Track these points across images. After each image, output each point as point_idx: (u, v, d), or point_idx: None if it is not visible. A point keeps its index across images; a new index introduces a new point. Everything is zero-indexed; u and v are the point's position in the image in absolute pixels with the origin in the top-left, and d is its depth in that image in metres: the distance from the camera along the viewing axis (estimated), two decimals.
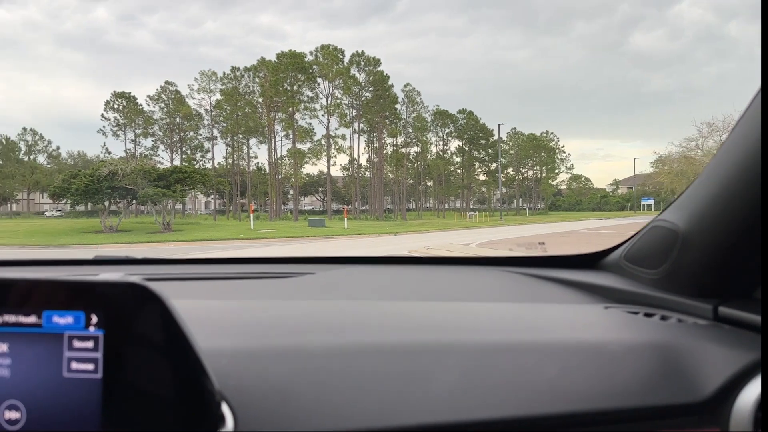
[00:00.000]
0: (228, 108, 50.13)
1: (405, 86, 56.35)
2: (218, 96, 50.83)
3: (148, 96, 52.78)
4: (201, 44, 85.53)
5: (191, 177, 28.94)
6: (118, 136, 53.01)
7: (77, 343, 0.56)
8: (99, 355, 0.56)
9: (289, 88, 47.73)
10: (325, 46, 49.21)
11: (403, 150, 56.64)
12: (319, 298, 1.20)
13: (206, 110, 52.33)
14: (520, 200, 73.00)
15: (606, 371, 0.76)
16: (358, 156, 55.55)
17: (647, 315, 0.97)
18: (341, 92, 50.28)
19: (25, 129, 56.20)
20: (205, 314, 0.89)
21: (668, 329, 0.89)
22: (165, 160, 49.24)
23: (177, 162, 46.18)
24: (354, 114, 51.62)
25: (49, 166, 56.28)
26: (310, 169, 60.75)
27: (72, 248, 19.79)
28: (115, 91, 53.68)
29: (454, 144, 63.71)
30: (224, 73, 50.59)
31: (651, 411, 0.72)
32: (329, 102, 49.79)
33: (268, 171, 52.79)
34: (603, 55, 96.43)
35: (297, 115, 48.72)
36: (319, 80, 49.55)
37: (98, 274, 1.54)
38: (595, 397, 0.71)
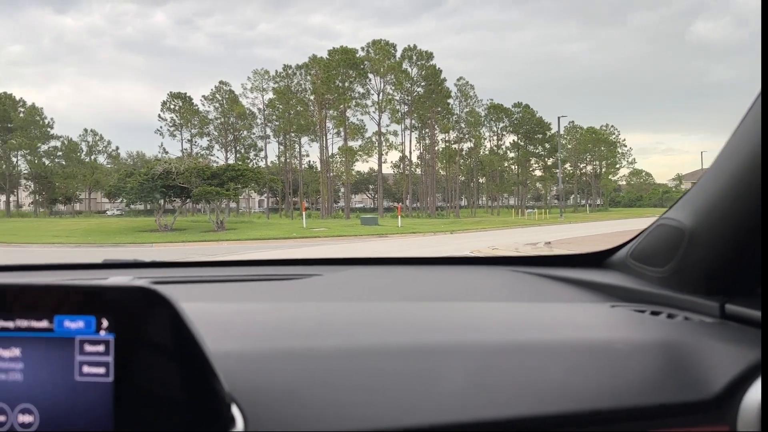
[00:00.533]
0: (280, 106, 50.26)
1: (458, 80, 54.90)
2: (271, 95, 51.08)
3: (203, 96, 53.64)
4: (255, 46, 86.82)
5: (244, 175, 28.74)
6: (174, 136, 54.15)
7: (88, 347, 0.57)
8: (110, 358, 0.57)
9: (340, 84, 47.30)
10: (376, 41, 48.48)
11: (455, 146, 55.33)
12: (326, 299, 1.20)
13: (259, 109, 52.75)
14: (578, 196, 70.31)
15: (613, 370, 0.76)
16: (410, 152, 54.61)
17: (654, 313, 0.97)
18: (392, 88, 49.48)
19: (86, 130, 58.26)
20: (213, 317, 0.90)
21: (675, 327, 0.89)
22: (220, 159, 49.81)
23: (231, 161, 46.48)
24: (405, 110, 50.70)
25: (109, 166, 57.99)
26: (361, 166, 60.42)
27: (126, 247, 19.72)
28: (171, 92, 54.78)
29: (509, 139, 61.90)
30: (276, 71, 50.81)
31: (658, 409, 0.72)
32: (380, 98, 49.09)
33: (319, 169, 52.65)
34: (663, 45, 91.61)
35: (348, 112, 48.28)
36: (371, 76, 48.97)
37: (108, 277, 1.32)
38: (603, 396, 0.71)
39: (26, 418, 0.57)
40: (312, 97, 49.19)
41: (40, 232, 26.33)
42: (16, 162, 54.89)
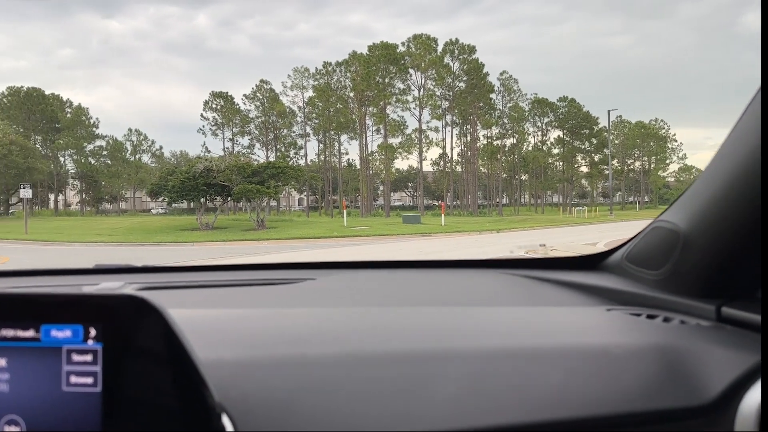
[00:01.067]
0: (320, 104, 49.97)
1: (501, 74, 53.53)
2: (311, 93, 50.84)
3: (244, 95, 53.97)
4: (294, 46, 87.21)
5: (285, 172, 28.33)
6: (216, 135, 54.62)
7: (76, 357, 0.56)
8: (98, 368, 0.56)
9: (380, 80, 46.62)
10: (417, 36, 47.61)
11: (497, 142, 53.93)
12: (319, 305, 1.19)
13: (299, 107, 52.65)
14: (625, 194, 67.76)
15: (609, 375, 0.75)
16: (451, 149, 53.49)
17: (650, 317, 0.97)
18: (434, 83, 48.49)
19: (130, 130, 59.42)
20: (204, 324, 0.89)
21: (671, 331, 0.88)
22: (261, 157, 49.87)
23: (272, 160, 46.40)
24: (446, 106, 49.63)
25: (153, 165, 58.89)
26: (400, 164, 59.58)
27: (166, 246, 19.49)
28: (213, 91, 55.27)
29: (554, 134, 60.03)
30: (316, 69, 50.65)
31: (655, 415, 0.72)
32: (421, 94, 48.15)
33: (358, 167, 52.17)
34: (712, 37, 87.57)
35: (388, 109, 47.57)
36: (411, 71, 48.08)
37: (98, 283, 1.30)
38: (599, 402, 0.71)
39: (12, 429, 0.57)
40: (351, 94, 48.73)
41: (83, 231, 26.56)
42: (64, 161, 56.44)
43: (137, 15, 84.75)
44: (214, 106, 54.37)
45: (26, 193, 26.43)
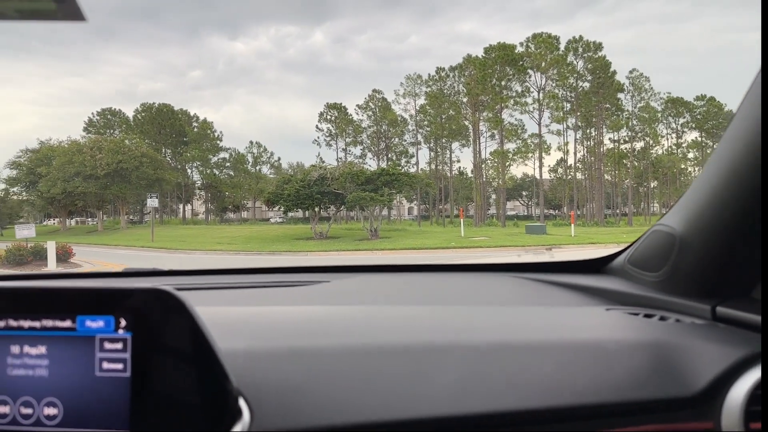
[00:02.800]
0: (432, 111, 48.86)
1: (630, 72, 49.00)
2: (423, 100, 49.85)
3: (357, 105, 54.20)
4: (405, 58, 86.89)
5: (399, 179, 27.31)
6: (330, 145, 55.35)
7: (108, 345, 0.62)
8: (127, 355, 0.62)
9: (496, 83, 44.50)
10: (537, 35, 44.87)
11: (625, 146, 49.51)
12: (331, 304, 1.22)
13: (411, 115, 51.86)
14: None
15: (601, 367, 0.78)
16: (575, 154, 49.91)
17: (647, 316, 0.99)
18: (554, 83, 45.47)
19: (251, 142, 62.03)
20: (224, 319, 0.93)
21: (665, 328, 0.91)
22: (372, 167, 49.61)
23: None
24: (568, 108, 46.35)
25: (272, 176, 60.96)
26: (514, 170, 56.76)
27: (281, 255, 19.03)
28: (327, 103, 56.18)
29: (690, 136, 54.19)
30: (429, 75, 49.59)
31: (644, 404, 0.74)
32: (541, 96, 45.35)
33: (470, 175, 50.37)
34: None
35: (504, 113, 45.31)
36: (530, 72, 45.42)
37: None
38: (590, 391, 0.74)
39: (51, 411, 0.62)
40: (465, 100, 47.08)
41: (205, 239, 27.19)
42: (191, 173, 59.88)
43: (259, 36, 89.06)
44: (328, 117, 55.20)
45: (153, 202, 27.68)
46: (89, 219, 57.85)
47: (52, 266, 14.84)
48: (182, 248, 22.06)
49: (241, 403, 0.66)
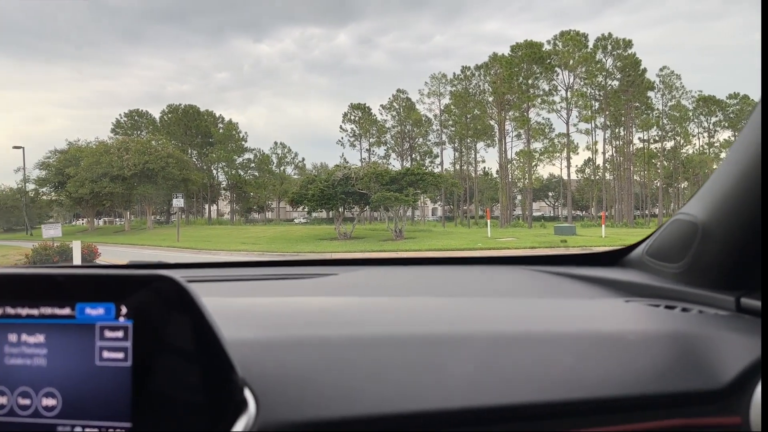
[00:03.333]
0: (456, 111, 48.34)
1: (661, 69, 47.80)
2: (447, 99, 49.37)
3: (381, 105, 54.02)
4: (429, 58, 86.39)
5: (424, 179, 26.96)
6: (354, 146, 55.21)
7: (108, 333, 0.60)
8: (128, 344, 0.59)
9: (523, 81, 43.81)
10: (564, 32, 44.00)
11: (655, 146, 48.30)
12: (339, 295, 1.21)
13: (435, 115, 51.43)
14: None
15: (623, 359, 0.75)
16: (603, 153, 48.86)
17: (668, 307, 0.97)
18: (582, 81, 44.55)
19: (276, 143, 62.24)
20: (230, 309, 0.91)
21: (688, 319, 0.88)
22: (396, 167, 49.32)
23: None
24: (596, 107, 45.39)
25: (296, 177, 61.10)
26: (541, 170, 55.85)
27: (305, 256, 18.81)
28: (351, 103, 56.02)
29: (722, 135, 52.63)
30: (454, 74, 49.04)
31: (668, 398, 0.71)
32: (569, 94, 44.48)
33: (495, 175, 49.73)
34: None
35: (531, 112, 44.59)
36: (558, 70, 44.62)
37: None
38: (611, 384, 0.71)
39: (49, 402, 0.60)
40: (491, 99, 46.45)
41: (230, 239, 27.19)
42: (216, 173, 60.30)
43: (284, 38, 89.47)
44: (352, 117, 55.05)
45: (179, 202, 27.81)
46: (117, 219, 58.75)
47: None
48: (207, 248, 22.05)
49: (247, 393, 0.64)
